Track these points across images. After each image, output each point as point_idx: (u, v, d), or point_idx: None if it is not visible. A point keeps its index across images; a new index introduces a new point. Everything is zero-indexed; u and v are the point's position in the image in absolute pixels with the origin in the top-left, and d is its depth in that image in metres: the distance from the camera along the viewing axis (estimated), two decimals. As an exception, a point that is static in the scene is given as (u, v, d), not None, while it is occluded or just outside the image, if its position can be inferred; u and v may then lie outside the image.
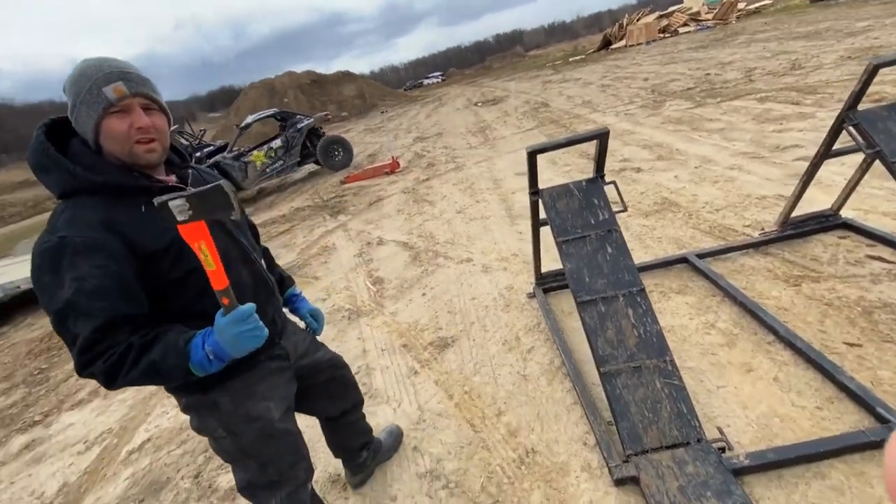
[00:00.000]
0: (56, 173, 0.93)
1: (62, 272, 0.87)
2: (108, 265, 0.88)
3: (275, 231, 5.81)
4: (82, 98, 0.93)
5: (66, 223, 0.90)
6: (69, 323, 0.87)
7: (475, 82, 30.74)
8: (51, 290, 0.88)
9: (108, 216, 0.92)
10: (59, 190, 0.95)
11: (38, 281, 0.89)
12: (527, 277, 2.98)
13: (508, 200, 4.56)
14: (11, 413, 3.39)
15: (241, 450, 1.17)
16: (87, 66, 0.94)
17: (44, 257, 0.88)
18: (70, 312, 0.87)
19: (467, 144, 8.20)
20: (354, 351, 2.70)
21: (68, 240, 0.87)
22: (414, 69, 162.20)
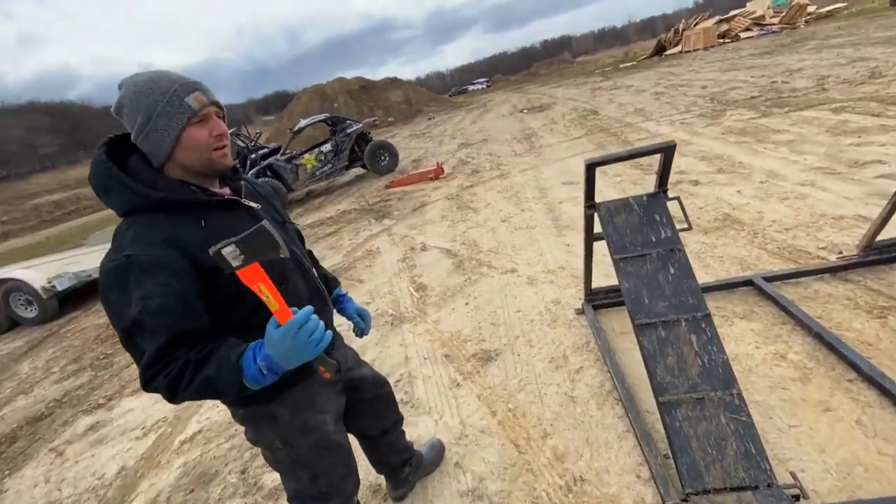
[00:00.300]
0: (118, 192, 0.94)
1: (129, 290, 0.88)
2: (171, 283, 0.90)
3: (322, 233, 5.97)
4: (160, 111, 0.94)
5: (130, 241, 0.91)
6: (136, 340, 0.89)
7: (521, 88, 30.53)
8: (119, 308, 0.89)
9: (171, 233, 0.93)
10: (121, 208, 0.96)
11: (106, 299, 0.91)
12: (575, 292, 2.88)
13: (555, 210, 4.45)
14: (79, 394, 3.64)
15: (296, 461, 1.17)
16: (156, 79, 0.95)
17: (111, 276, 0.90)
18: (137, 330, 0.89)
19: (512, 152, 8.11)
20: (397, 357, 2.70)
21: (134, 258, 0.88)
22: (459, 75, 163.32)
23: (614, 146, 6.40)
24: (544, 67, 64.11)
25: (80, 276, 6.04)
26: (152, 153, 0.97)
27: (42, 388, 3.98)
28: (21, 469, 2.79)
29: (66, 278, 5.97)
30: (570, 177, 5.47)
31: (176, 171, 0.99)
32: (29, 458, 2.88)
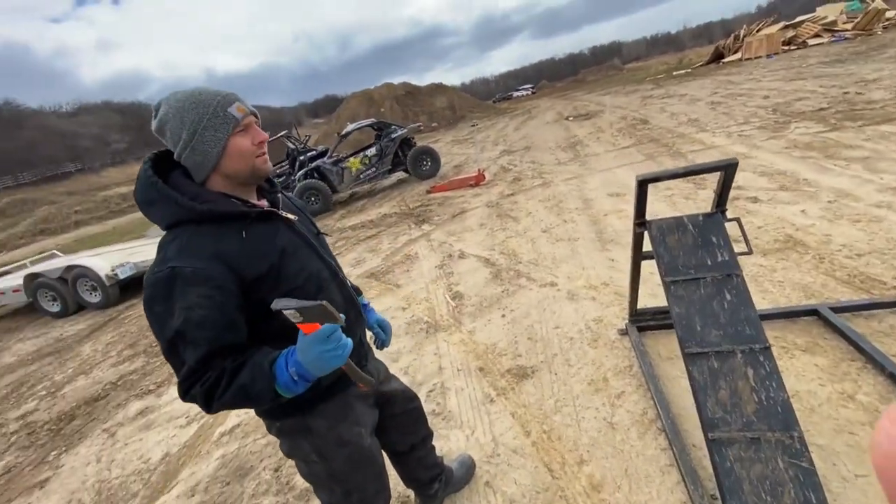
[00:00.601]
0: (163, 205, 0.96)
1: (173, 301, 0.90)
2: (214, 295, 0.91)
3: (363, 235, 6.08)
4: (206, 123, 0.97)
5: (175, 253, 0.93)
6: (179, 350, 0.91)
7: (567, 95, 30.01)
8: (162, 319, 0.91)
9: (215, 246, 0.95)
10: (165, 221, 0.98)
11: (150, 310, 0.93)
12: (618, 311, 2.76)
13: (599, 223, 4.31)
14: (132, 379, 3.87)
15: (331, 475, 1.18)
16: (196, 94, 0.98)
17: (156, 287, 0.91)
18: (179, 341, 0.90)
19: (556, 160, 7.96)
20: (430, 367, 2.68)
21: (178, 270, 0.90)
22: (504, 81, 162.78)
23: (665, 158, 6.14)
24: (592, 74, 62.81)
25: (140, 266, 6.44)
26: (199, 165, 0.99)
27: (100, 370, 4.26)
28: (76, 447, 2.98)
29: (126, 267, 6.38)
30: (617, 188, 5.29)
31: (219, 183, 1.02)
32: (84, 437, 3.08)
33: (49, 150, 47.45)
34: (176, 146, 0.98)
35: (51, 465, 2.85)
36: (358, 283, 4.33)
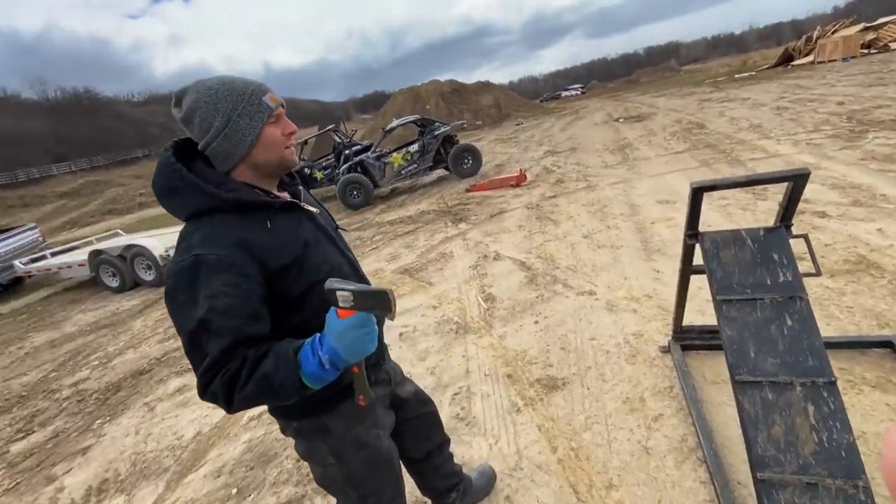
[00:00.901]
0: (187, 194, 0.92)
1: (197, 289, 0.86)
2: (240, 283, 0.88)
3: (400, 230, 6.10)
4: (241, 110, 0.95)
5: (200, 242, 0.90)
6: (202, 342, 0.86)
7: (618, 96, 29.00)
8: (185, 309, 0.87)
9: (240, 234, 0.92)
10: (188, 211, 0.95)
11: (173, 301, 0.89)
12: (660, 326, 2.59)
13: (646, 231, 4.09)
14: (175, 356, 4.05)
15: (347, 478, 1.14)
16: (228, 83, 0.96)
17: (180, 276, 0.88)
18: (202, 331, 0.86)
19: (603, 163, 7.67)
20: (457, 369, 2.62)
21: (203, 257, 0.87)
22: (553, 80, 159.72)
23: (722, 165, 5.76)
24: (646, 75, 60.42)
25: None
26: (228, 153, 0.96)
27: (148, 345, 4.49)
28: (119, 417, 3.15)
29: (178, 249, 6.73)
30: (667, 194, 5.01)
31: (245, 173, 1.00)
32: (127, 409, 3.25)
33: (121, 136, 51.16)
34: (205, 134, 0.94)
35: (95, 432, 3.02)
36: (391, 278, 4.35)
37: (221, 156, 0.96)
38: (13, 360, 5.03)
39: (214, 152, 0.96)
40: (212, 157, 0.97)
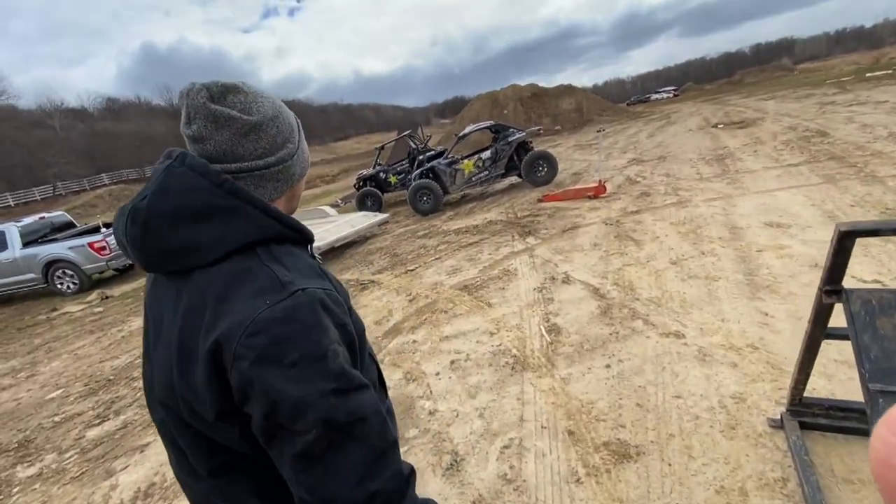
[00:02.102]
0: (240, 217, 0.63)
1: (319, 336, 0.59)
2: (346, 323, 0.66)
3: (465, 241, 5.86)
4: (301, 134, 0.77)
5: (290, 273, 0.63)
6: (345, 403, 0.59)
7: (717, 99, 26.43)
8: (308, 367, 0.57)
9: (317, 264, 0.71)
10: (240, 241, 0.64)
11: (277, 363, 0.56)
12: (769, 390, 2.06)
13: (750, 261, 3.43)
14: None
15: None
16: (279, 100, 0.75)
17: (286, 323, 0.58)
18: (342, 393, 0.59)
19: (697, 175, 6.82)
20: (510, 414, 2.30)
21: (312, 292, 0.61)
22: (643, 82, 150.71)
23: (853, 182, 4.78)
24: (751, 75, 54.82)
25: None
26: (289, 178, 0.74)
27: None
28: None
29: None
30: (778, 216, 4.24)
31: (283, 205, 0.78)
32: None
33: (226, 138, 57.21)
34: (276, 150, 0.70)
35: (154, 430, 3.13)
36: (449, 294, 4.11)
37: (281, 180, 0.73)
38: (111, 342, 5.54)
39: (274, 175, 0.71)
40: (258, 182, 0.70)
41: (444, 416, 2.40)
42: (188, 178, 0.62)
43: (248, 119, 0.66)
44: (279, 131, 0.70)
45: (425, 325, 3.55)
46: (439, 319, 3.60)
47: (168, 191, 0.62)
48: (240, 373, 0.56)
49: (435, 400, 2.56)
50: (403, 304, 4.11)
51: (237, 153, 0.66)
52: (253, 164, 0.68)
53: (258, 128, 0.67)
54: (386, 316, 3.94)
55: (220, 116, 0.64)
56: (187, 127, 0.66)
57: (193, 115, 0.65)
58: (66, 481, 2.70)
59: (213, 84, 0.66)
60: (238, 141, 0.66)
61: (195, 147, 0.66)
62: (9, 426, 3.55)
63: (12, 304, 8.31)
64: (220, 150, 0.66)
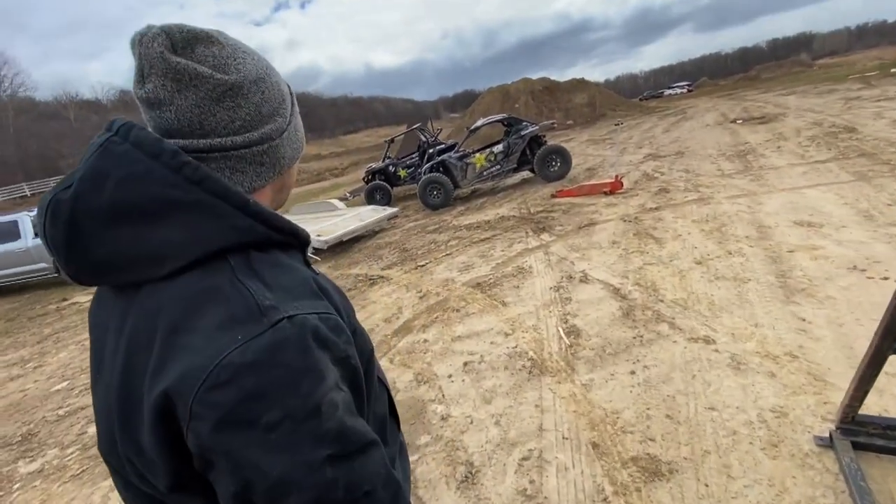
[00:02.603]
0: (204, 216, 0.46)
1: (312, 385, 0.43)
2: (349, 357, 0.50)
3: (476, 237, 5.71)
4: (294, 107, 0.61)
5: (270, 292, 0.46)
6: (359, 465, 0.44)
7: (733, 95, 25.85)
8: (290, 431, 0.41)
9: (310, 275, 0.54)
10: (208, 246, 0.47)
11: (251, 426, 0.40)
12: (813, 404, 1.89)
13: (782, 262, 3.24)
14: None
15: None
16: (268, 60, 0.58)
17: (264, 372, 0.41)
18: (351, 447, 0.44)
19: (718, 171, 6.58)
20: (529, 423, 2.15)
21: (300, 320, 0.44)
22: (655, 78, 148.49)
23: (888, 179, 4.54)
24: (768, 71, 53.76)
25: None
26: (276, 163, 0.57)
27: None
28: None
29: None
30: (808, 214, 4.03)
31: (266, 198, 0.61)
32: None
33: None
34: (260, 124, 0.53)
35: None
36: (461, 292, 3.97)
37: (266, 164, 0.56)
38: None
39: (257, 157, 0.54)
40: (236, 166, 0.53)
41: (457, 423, 2.26)
42: (133, 159, 0.45)
43: (223, 78, 0.49)
44: (265, 98, 0.53)
45: (436, 324, 3.42)
46: (451, 318, 3.46)
47: (104, 178, 0.45)
48: (198, 437, 0.40)
49: (448, 404, 2.43)
50: (413, 302, 3.97)
51: (207, 125, 0.49)
52: (229, 140, 0.50)
53: (236, 91, 0.50)
54: (395, 313, 3.81)
55: (184, 73, 0.47)
56: (140, 87, 0.49)
57: (148, 70, 0.48)
58: (66, 479, 2.62)
59: (175, 28, 0.49)
60: (209, 108, 0.49)
61: (151, 114, 0.50)
62: (14, 418, 3.49)
63: (24, 293, 8.33)
64: (183, 119, 0.49)
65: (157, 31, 0.48)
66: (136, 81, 0.49)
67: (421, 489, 1.89)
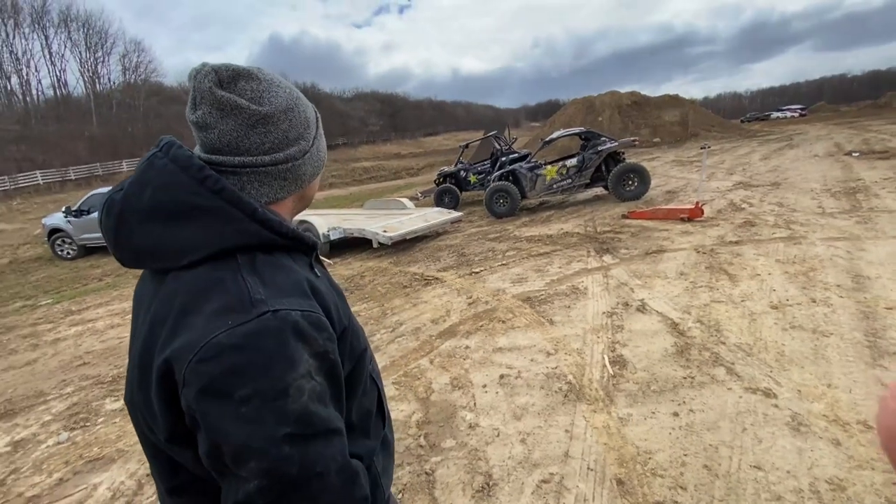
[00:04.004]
0: (221, 220, 0.57)
1: (283, 371, 0.51)
2: (328, 352, 0.57)
3: (535, 251, 5.63)
4: (319, 131, 0.71)
5: (263, 290, 0.55)
6: (314, 449, 0.52)
7: (855, 123, 22.94)
8: (260, 406, 0.49)
9: (307, 277, 0.62)
10: (217, 245, 0.57)
11: (227, 397, 0.49)
12: (881, 482, 1.67)
13: (875, 318, 2.87)
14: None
15: None
16: (299, 92, 0.68)
17: (247, 351, 0.50)
18: (300, 438, 0.51)
19: (818, 208, 5.92)
20: (555, 447, 2.12)
21: (283, 315, 0.53)
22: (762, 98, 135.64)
23: None
24: (906, 98, 46.87)
25: (346, 232, 7.43)
26: (299, 178, 0.67)
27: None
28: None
29: (337, 231, 7.44)
30: (922, 270, 3.51)
31: (287, 207, 0.70)
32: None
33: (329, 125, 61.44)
34: (287, 145, 0.64)
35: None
36: (510, 303, 3.95)
37: (288, 179, 0.66)
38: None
39: (281, 173, 0.64)
40: (262, 180, 0.63)
41: (484, 433, 2.28)
42: (168, 171, 0.57)
43: (258, 109, 0.60)
44: (292, 126, 0.64)
45: (480, 332, 3.44)
46: (496, 329, 3.47)
47: (146, 185, 0.57)
48: (186, 400, 0.50)
49: (478, 413, 2.46)
50: (462, 307, 4.03)
51: (242, 146, 0.60)
52: (258, 159, 0.61)
53: (268, 120, 0.61)
54: (443, 315, 3.89)
55: (226, 104, 0.58)
56: (192, 112, 0.61)
57: (199, 100, 0.59)
58: (141, 421, 3.00)
59: (223, 67, 0.60)
60: (244, 132, 0.60)
61: (200, 135, 0.61)
62: (109, 361, 4.05)
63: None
64: (224, 140, 0.60)
65: (208, 70, 0.59)
66: (189, 108, 0.62)
67: (437, 490, 1.94)
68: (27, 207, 23.13)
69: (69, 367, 3.94)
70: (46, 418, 3.06)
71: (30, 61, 41.52)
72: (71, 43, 44.14)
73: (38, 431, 2.91)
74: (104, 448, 2.60)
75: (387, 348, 3.41)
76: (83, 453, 2.58)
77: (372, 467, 0.71)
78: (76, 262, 9.49)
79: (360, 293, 4.96)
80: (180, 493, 0.63)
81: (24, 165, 29.11)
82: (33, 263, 10.22)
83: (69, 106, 41.62)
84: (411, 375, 2.94)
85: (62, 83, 44.32)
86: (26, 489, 2.33)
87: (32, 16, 40.75)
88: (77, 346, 4.45)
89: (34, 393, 3.49)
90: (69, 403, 3.23)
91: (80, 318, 5.45)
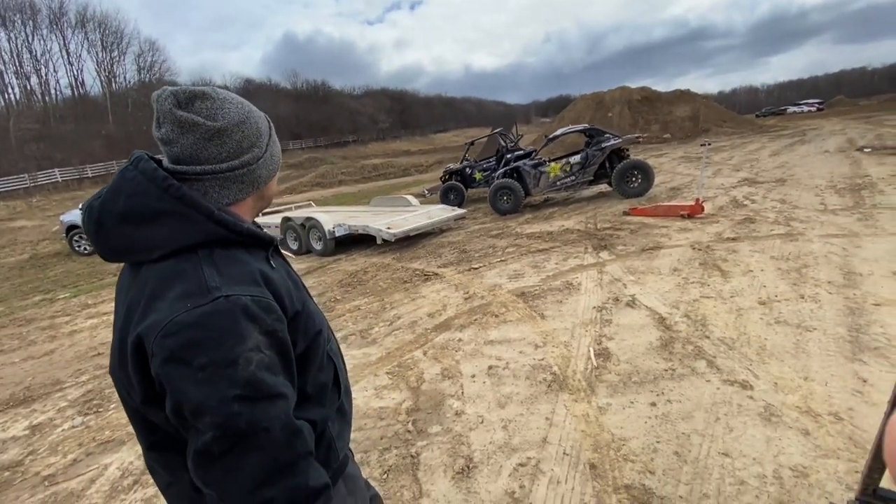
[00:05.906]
0: (182, 221, 0.68)
1: (232, 345, 0.62)
2: (276, 331, 0.69)
3: (534, 247, 5.71)
4: (273, 136, 0.84)
5: (217, 278, 0.66)
6: (261, 412, 0.63)
7: (872, 118, 22.45)
8: (216, 373, 0.61)
9: (260, 268, 0.73)
10: (178, 242, 0.68)
11: (186, 366, 0.60)
12: (842, 471, 1.75)
13: (861, 314, 2.91)
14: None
15: None
16: (247, 102, 0.80)
17: (200, 328, 0.61)
18: (249, 400, 0.62)
19: (821, 205, 5.90)
20: (534, 433, 2.22)
21: (235, 300, 0.64)
22: (780, 92, 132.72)
23: None
24: (929, 91, 45.60)
25: (351, 229, 7.57)
26: (255, 181, 0.79)
27: (291, 309, 5.12)
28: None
29: (342, 228, 7.58)
30: (915, 267, 3.52)
31: (247, 207, 0.82)
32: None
33: (339, 122, 61.42)
34: (240, 154, 0.75)
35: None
36: (504, 298, 4.05)
37: (246, 182, 0.77)
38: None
39: (238, 177, 0.75)
40: (223, 184, 0.74)
41: (468, 420, 2.39)
42: (137, 182, 0.68)
43: (212, 125, 0.71)
44: (244, 136, 0.75)
45: (474, 326, 3.55)
46: (488, 322, 3.57)
47: (119, 193, 0.69)
48: (154, 368, 0.62)
49: (464, 402, 2.57)
50: (458, 302, 4.14)
51: (201, 156, 0.72)
52: (216, 167, 0.72)
53: (222, 133, 0.72)
54: (440, 310, 4.00)
55: (185, 122, 0.70)
56: (157, 130, 0.72)
57: (162, 119, 0.71)
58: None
59: (180, 90, 0.71)
60: (202, 145, 0.71)
61: (165, 149, 0.73)
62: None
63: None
64: (185, 153, 0.71)
65: (168, 93, 0.71)
66: (154, 126, 0.73)
67: (420, 472, 2.06)
68: (46, 204, 23.77)
69: (85, 357, 4.14)
70: (62, 404, 3.25)
71: (48, 61, 42.48)
72: (88, 43, 45.03)
73: (54, 416, 3.09)
74: (115, 431, 2.77)
75: (384, 340, 3.53)
76: (96, 436, 2.75)
77: (326, 431, 0.83)
78: (93, 258, 9.80)
79: (362, 288, 5.09)
80: (157, 448, 0.76)
81: (44, 164, 29.89)
82: (52, 259, 10.57)
83: (86, 105, 42.49)
84: (405, 366, 3.06)
85: (79, 83, 45.27)
86: (43, 468, 2.51)
87: (50, 17, 41.64)
88: (92, 338, 4.65)
89: (51, 381, 3.69)
90: (84, 391, 3.41)
91: (96, 311, 5.67)
